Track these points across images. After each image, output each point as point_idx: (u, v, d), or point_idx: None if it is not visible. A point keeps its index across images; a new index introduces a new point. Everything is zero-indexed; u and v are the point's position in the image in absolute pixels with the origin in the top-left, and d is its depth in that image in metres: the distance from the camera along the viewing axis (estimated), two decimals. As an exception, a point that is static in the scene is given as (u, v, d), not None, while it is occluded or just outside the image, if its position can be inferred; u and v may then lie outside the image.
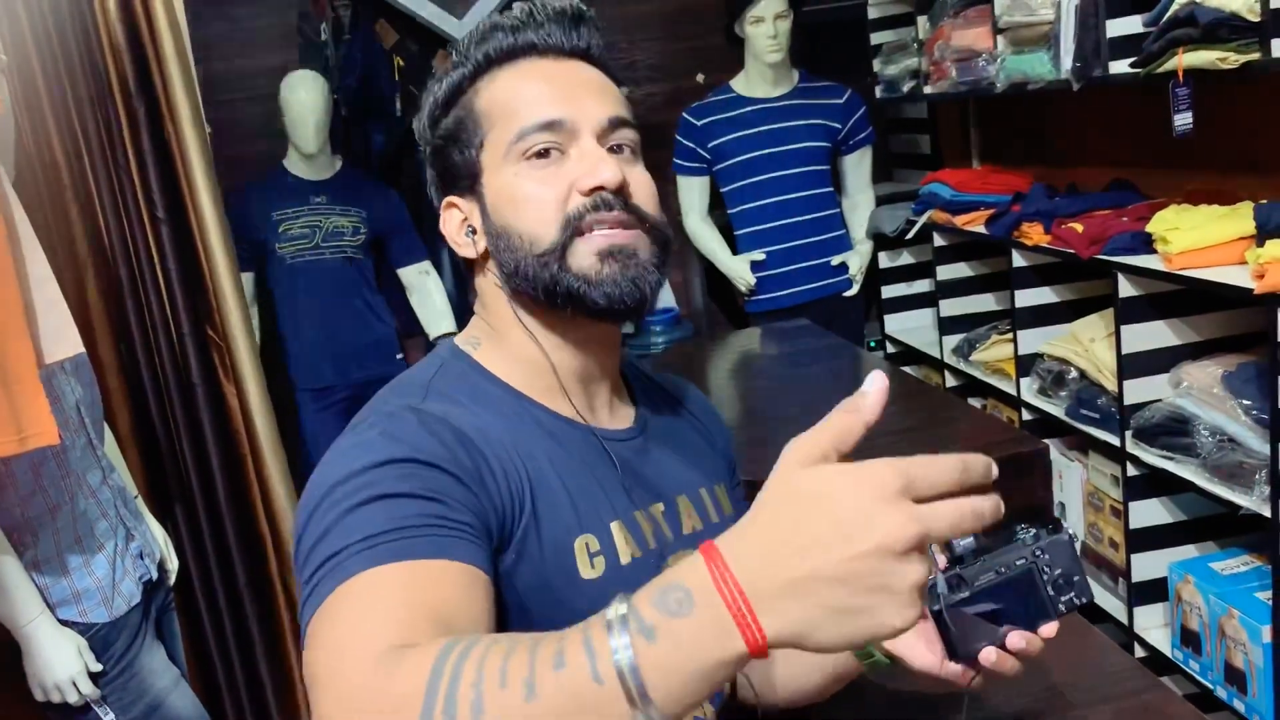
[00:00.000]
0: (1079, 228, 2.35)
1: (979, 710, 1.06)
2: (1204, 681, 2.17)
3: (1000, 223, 2.71)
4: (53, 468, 1.69)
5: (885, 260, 3.54)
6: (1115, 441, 2.31)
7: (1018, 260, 2.66)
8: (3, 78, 1.71)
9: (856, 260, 3.39)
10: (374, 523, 0.78)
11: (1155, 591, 2.32)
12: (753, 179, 3.31)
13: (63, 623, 1.71)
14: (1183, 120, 2.04)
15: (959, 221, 2.95)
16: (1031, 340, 2.68)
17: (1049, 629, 0.87)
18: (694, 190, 3.41)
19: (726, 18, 3.30)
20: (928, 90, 3.13)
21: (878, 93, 3.52)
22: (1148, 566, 2.32)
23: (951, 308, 3.17)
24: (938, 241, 3.13)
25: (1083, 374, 2.48)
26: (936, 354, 3.23)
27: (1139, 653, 2.34)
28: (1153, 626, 2.35)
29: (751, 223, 3.35)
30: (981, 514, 0.62)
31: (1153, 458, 2.19)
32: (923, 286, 3.53)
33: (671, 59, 4.09)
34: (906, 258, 3.55)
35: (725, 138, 3.31)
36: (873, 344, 3.73)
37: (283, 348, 3.40)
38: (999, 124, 3.34)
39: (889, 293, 3.60)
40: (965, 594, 0.86)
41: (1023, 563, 0.86)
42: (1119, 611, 2.41)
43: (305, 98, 3.24)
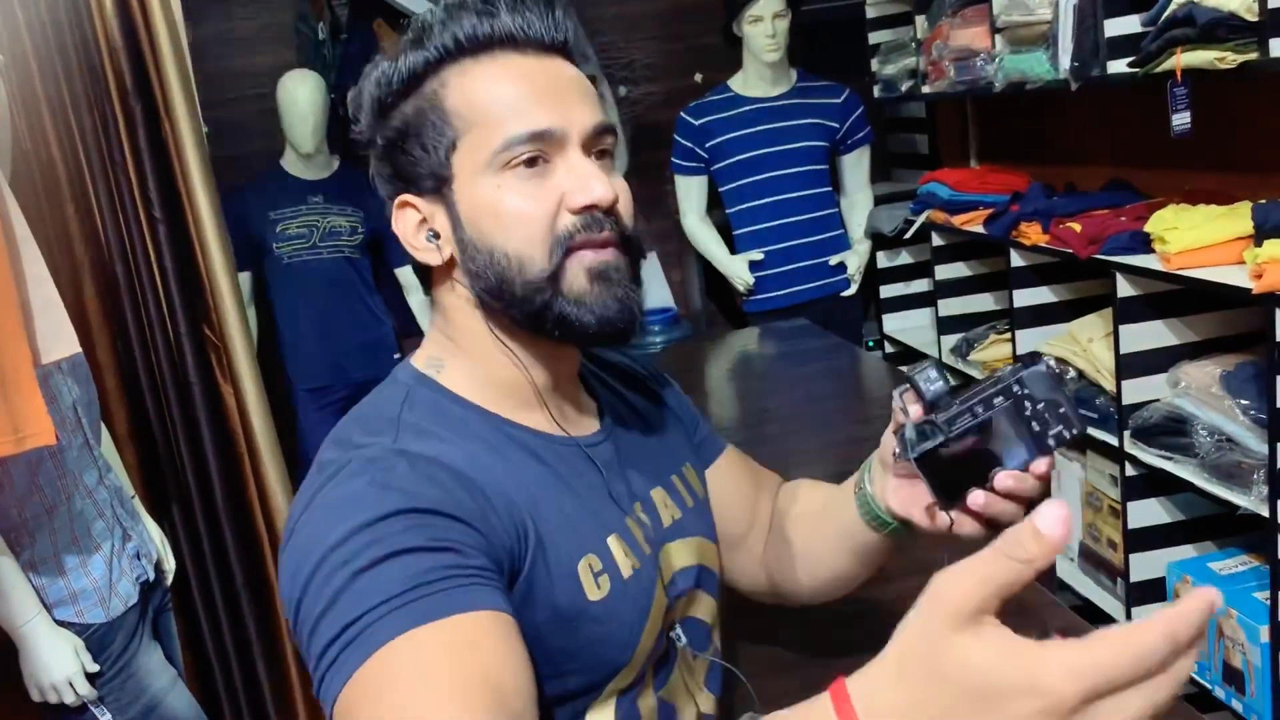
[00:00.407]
0: (1077, 227, 2.35)
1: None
2: (1202, 681, 2.17)
3: (998, 222, 2.71)
4: (49, 468, 1.69)
5: (883, 260, 3.54)
6: (1113, 441, 2.31)
7: (1016, 260, 2.66)
8: (0, 77, 1.71)
9: (855, 260, 3.39)
10: (392, 582, 0.73)
11: (1154, 591, 2.32)
12: (751, 178, 3.31)
13: (59, 623, 1.70)
14: (1181, 120, 2.04)
15: (957, 221, 2.95)
16: (1030, 340, 2.68)
17: (1041, 465, 0.84)
18: (692, 190, 3.41)
19: (724, 17, 3.30)
20: (926, 90, 3.13)
21: (876, 92, 3.52)
22: (1146, 566, 2.32)
23: (950, 307, 3.17)
24: (936, 241, 3.13)
25: (1081, 374, 2.48)
26: (935, 354, 3.23)
27: (1137, 652, 2.34)
28: (1151, 626, 2.35)
29: (750, 222, 3.34)
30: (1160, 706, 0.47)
31: (1151, 457, 2.19)
32: (921, 286, 3.53)
33: (669, 58, 4.10)
34: (905, 257, 3.55)
35: (723, 137, 3.31)
36: (871, 344, 3.73)
37: (280, 347, 3.40)
38: (997, 123, 3.34)
39: (887, 292, 3.60)
40: (939, 439, 0.81)
41: (1001, 400, 0.81)
42: (1117, 611, 2.41)
43: (303, 97, 3.24)
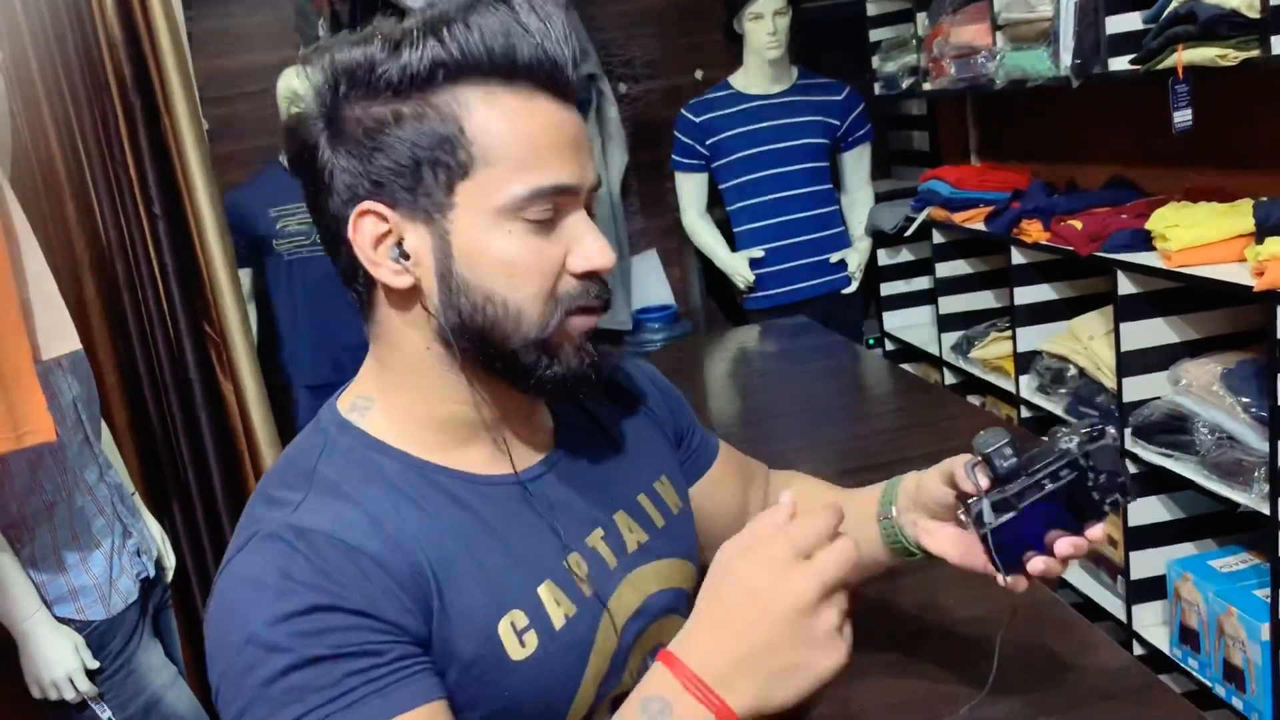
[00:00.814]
0: (1078, 225, 2.34)
1: (980, 709, 1.06)
2: (1202, 679, 2.17)
3: (999, 220, 2.70)
4: (50, 465, 1.69)
5: (884, 257, 3.54)
6: (1114, 439, 2.30)
7: (1017, 257, 2.66)
8: (0, 74, 1.71)
9: (855, 257, 3.39)
10: (304, 698, 0.73)
11: (1154, 589, 2.32)
12: (751, 176, 3.31)
13: (60, 620, 1.70)
14: (1182, 117, 2.03)
15: (958, 218, 2.95)
16: (1030, 337, 2.68)
17: (1095, 531, 0.87)
18: (692, 187, 3.41)
19: (725, 14, 3.30)
20: (927, 87, 3.12)
21: (876, 89, 3.52)
22: (1146, 564, 2.32)
23: (950, 305, 3.16)
24: (936, 238, 3.13)
25: (1082, 371, 2.48)
26: (935, 351, 3.23)
27: (1137, 650, 2.34)
28: (1151, 624, 2.35)
29: (750, 220, 3.34)
30: (851, 549, 0.72)
31: (1152, 455, 2.19)
32: (921, 283, 3.53)
33: (670, 55, 4.09)
34: (905, 255, 3.55)
35: (724, 134, 3.31)
36: (871, 341, 3.73)
37: (280, 344, 3.39)
38: (998, 121, 3.34)
39: (888, 290, 3.60)
40: (1011, 515, 0.85)
41: (1067, 473, 0.85)
42: (1118, 609, 2.41)
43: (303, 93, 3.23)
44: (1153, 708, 1.04)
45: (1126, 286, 2.20)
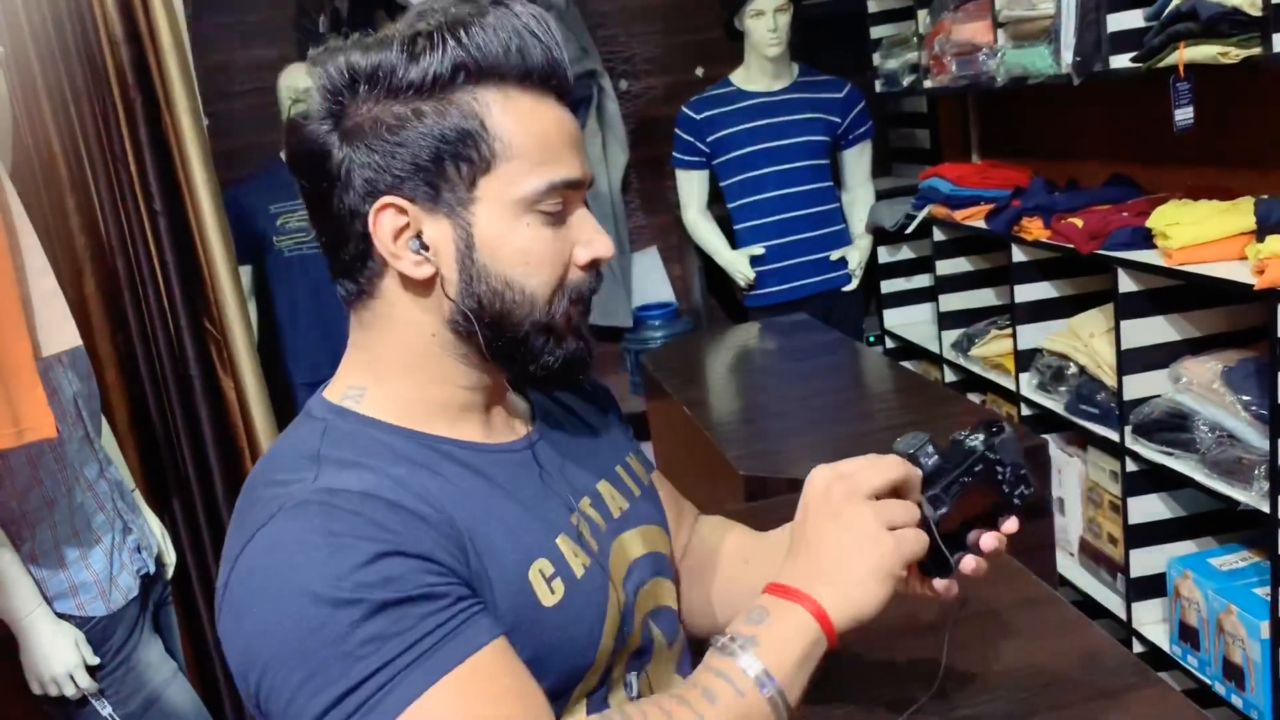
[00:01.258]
0: (1079, 223, 2.34)
1: (960, 692, 1.06)
2: (1202, 677, 2.17)
3: (1000, 218, 2.70)
4: (50, 461, 1.69)
5: (884, 255, 3.54)
6: (1114, 437, 2.30)
7: (1017, 255, 2.66)
8: (0, 70, 1.70)
9: (856, 255, 3.39)
10: (384, 647, 0.73)
11: (1154, 587, 2.32)
12: (752, 173, 3.30)
13: (60, 616, 1.71)
14: (1183, 115, 2.03)
15: (958, 216, 2.94)
16: (1031, 335, 2.68)
17: (1010, 525, 0.91)
18: (693, 184, 3.41)
19: (726, 11, 3.29)
20: (927, 84, 3.12)
21: (877, 87, 3.51)
22: (1146, 562, 2.32)
23: (951, 302, 3.16)
24: (937, 236, 3.12)
25: (1082, 369, 2.48)
26: (935, 349, 3.23)
27: (1137, 648, 2.34)
28: (1151, 622, 2.35)
29: (751, 217, 3.34)
30: (923, 541, 0.85)
31: (1152, 453, 2.19)
32: (922, 281, 3.53)
33: (670, 52, 4.09)
34: (906, 252, 3.54)
35: (725, 131, 3.31)
36: (871, 339, 3.73)
37: (280, 341, 3.39)
38: (999, 118, 3.34)
39: (888, 287, 3.60)
40: (945, 509, 0.88)
41: (980, 467, 0.89)
42: (1117, 607, 2.41)
43: (303, 90, 3.23)
44: (1152, 706, 1.04)
45: (1127, 284, 2.20)
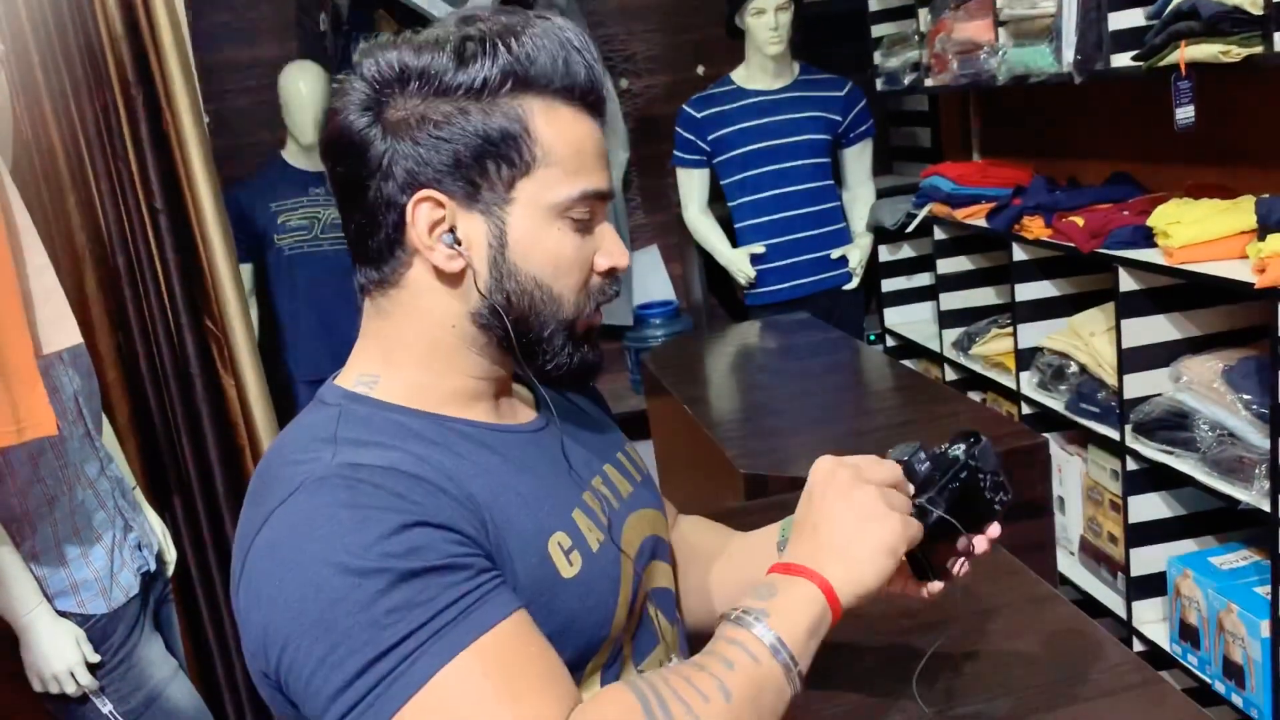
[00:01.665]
0: (1080, 221, 2.34)
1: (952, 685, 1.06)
2: (1202, 676, 2.17)
3: (1001, 216, 2.70)
4: (51, 459, 1.69)
5: (885, 253, 3.54)
6: (1115, 436, 2.30)
7: (1018, 254, 2.66)
8: (1, 67, 1.70)
9: (857, 253, 3.39)
10: (409, 616, 0.74)
11: (1154, 586, 2.32)
12: (753, 171, 3.30)
13: (61, 614, 1.71)
14: (1184, 114, 2.03)
15: (959, 215, 2.94)
16: (1031, 334, 2.68)
17: (994, 530, 0.95)
18: (694, 183, 3.41)
19: (727, 9, 3.29)
20: (929, 83, 3.12)
21: (878, 85, 3.51)
22: (1147, 561, 2.32)
23: (951, 301, 3.16)
24: (938, 235, 3.12)
25: (1083, 368, 2.48)
26: (936, 348, 3.23)
27: (1138, 647, 2.34)
28: (1151, 621, 2.35)
29: (751, 215, 3.34)
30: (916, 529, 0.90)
31: (1152, 452, 2.19)
32: (923, 280, 3.53)
33: (671, 51, 4.08)
34: (907, 251, 3.54)
35: (725, 130, 3.30)
36: (872, 337, 3.73)
37: (281, 339, 3.39)
38: (1000, 117, 3.33)
39: (889, 286, 3.60)
40: (934, 517, 0.91)
41: (965, 475, 0.92)
42: (1118, 606, 2.41)
43: (304, 88, 3.23)
44: (1152, 704, 1.04)
45: (1128, 283, 2.20)
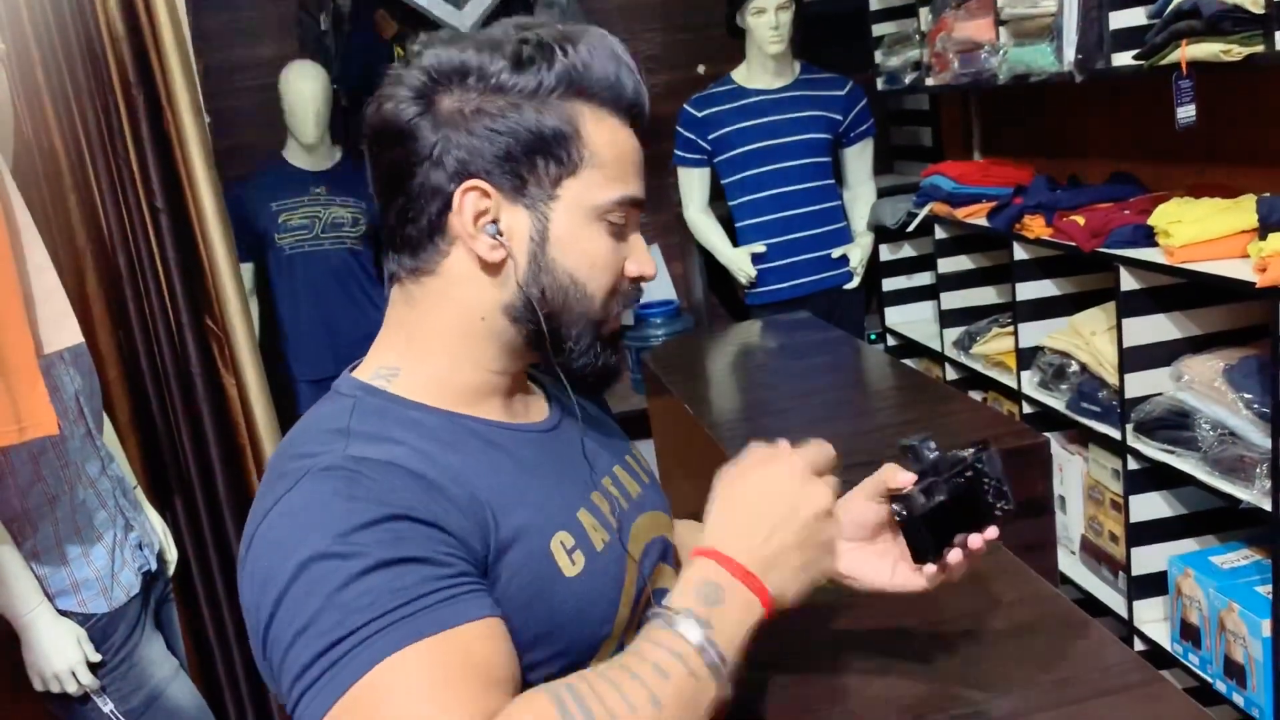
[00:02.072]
0: (1080, 220, 2.34)
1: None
2: (1203, 675, 2.17)
3: (1002, 215, 2.70)
4: (52, 458, 1.69)
5: (886, 253, 3.54)
6: (1116, 435, 2.30)
7: (1019, 253, 2.66)
8: (1, 67, 1.70)
9: (857, 253, 3.39)
10: (375, 599, 0.75)
11: (1155, 585, 2.32)
12: (754, 171, 3.30)
13: (62, 613, 1.71)
14: (1185, 113, 2.03)
15: (960, 214, 2.94)
16: (1032, 333, 2.68)
17: (990, 532, 0.98)
18: (694, 182, 3.41)
19: (728, 8, 3.29)
20: (929, 82, 3.12)
21: (879, 85, 3.51)
22: (1148, 560, 2.32)
23: (952, 300, 3.16)
24: (939, 234, 3.12)
25: (1084, 367, 2.48)
26: (937, 347, 3.23)
27: (1138, 646, 2.34)
28: (1152, 620, 2.35)
29: (752, 215, 3.34)
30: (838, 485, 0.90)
31: (1153, 451, 2.19)
32: (924, 279, 3.53)
33: (672, 50, 4.08)
34: (907, 250, 3.54)
35: (726, 129, 3.30)
36: (873, 336, 3.73)
37: (282, 338, 3.40)
38: (1001, 116, 3.33)
39: (890, 285, 3.60)
40: (937, 500, 0.95)
41: (970, 474, 0.96)
42: (1119, 605, 2.41)
43: (305, 88, 3.23)
44: (1153, 703, 1.04)
45: (1129, 282, 2.20)
